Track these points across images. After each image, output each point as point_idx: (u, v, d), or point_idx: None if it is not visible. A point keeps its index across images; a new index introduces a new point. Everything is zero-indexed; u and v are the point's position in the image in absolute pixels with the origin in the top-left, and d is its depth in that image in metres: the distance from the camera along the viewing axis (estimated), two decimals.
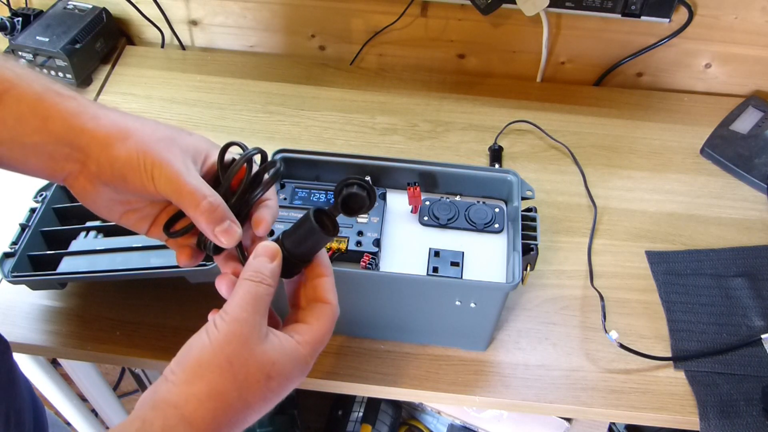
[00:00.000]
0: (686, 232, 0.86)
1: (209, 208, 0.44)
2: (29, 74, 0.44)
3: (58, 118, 0.43)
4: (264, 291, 0.43)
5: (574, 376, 0.72)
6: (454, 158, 0.94)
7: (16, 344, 0.74)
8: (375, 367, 0.73)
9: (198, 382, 0.40)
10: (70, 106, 0.43)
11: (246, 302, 0.42)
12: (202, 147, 0.48)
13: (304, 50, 1.12)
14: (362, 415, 1.16)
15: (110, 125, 0.44)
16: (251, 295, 0.43)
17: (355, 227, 0.68)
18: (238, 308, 0.42)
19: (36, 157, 0.44)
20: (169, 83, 1.04)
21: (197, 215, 0.44)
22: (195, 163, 0.46)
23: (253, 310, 0.42)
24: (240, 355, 0.41)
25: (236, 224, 0.46)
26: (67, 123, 0.43)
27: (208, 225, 0.44)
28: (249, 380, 0.41)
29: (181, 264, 0.49)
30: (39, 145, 0.43)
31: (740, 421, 0.69)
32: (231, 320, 0.42)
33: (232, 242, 0.46)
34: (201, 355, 0.41)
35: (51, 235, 0.76)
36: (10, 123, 0.42)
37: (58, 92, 0.44)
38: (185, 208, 0.45)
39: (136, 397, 1.52)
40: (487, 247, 0.69)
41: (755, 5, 0.95)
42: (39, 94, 0.43)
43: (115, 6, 1.09)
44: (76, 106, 0.44)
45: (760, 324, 0.76)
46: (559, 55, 1.07)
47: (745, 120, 0.98)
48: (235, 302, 0.42)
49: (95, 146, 0.43)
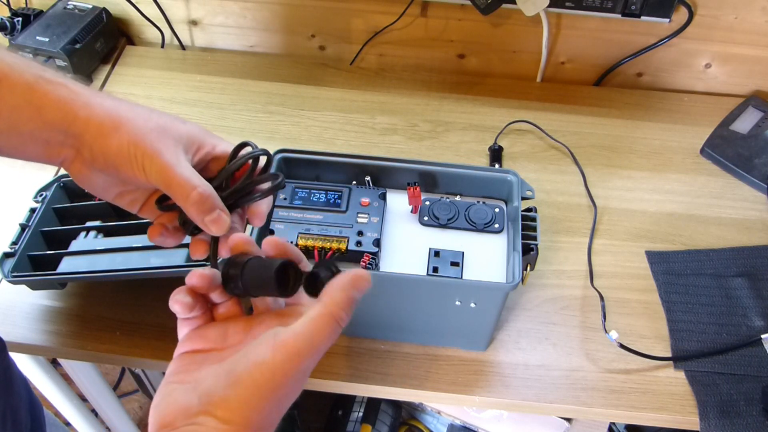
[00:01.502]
0: (686, 232, 0.86)
1: (199, 199, 0.45)
2: (21, 63, 0.44)
3: (51, 107, 0.43)
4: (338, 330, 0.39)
5: (574, 376, 0.72)
6: (454, 158, 0.94)
7: (17, 344, 0.74)
8: (375, 367, 0.73)
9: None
10: (62, 94, 0.44)
11: (324, 334, 0.38)
12: (195, 135, 0.48)
13: (304, 50, 1.12)
14: (362, 415, 1.16)
15: (102, 114, 0.44)
16: (331, 330, 0.38)
17: (355, 227, 0.68)
18: (310, 336, 0.37)
19: (33, 144, 0.44)
20: (169, 83, 1.04)
21: (187, 205, 0.45)
22: (187, 152, 0.47)
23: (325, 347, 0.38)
24: (289, 386, 0.37)
25: (226, 213, 0.46)
26: (61, 111, 0.43)
27: (198, 215, 0.45)
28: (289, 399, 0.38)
29: (153, 241, 0.49)
30: (35, 132, 0.44)
31: (740, 421, 0.69)
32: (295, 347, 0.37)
33: (222, 231, 0.46)
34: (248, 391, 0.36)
35: (51, 235, 0.76)
36: (5, 113, 0.43)
37: (49, 80, 0.44)
38: (176, 198, 0.45)
39: (136, 397, 1.53)
40: (487, 247, 0.69)
41: (755, 5, 0.95)
42: (31, 83, 0.43)
43: (115, 6, 1.09)
44: (67, 94, 0.44)
45: (760, 324, 0.76)
46: (559, 55, 1.07)
47: (745, 120, 0.98)
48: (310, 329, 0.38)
49: (88, 135, 0.44)
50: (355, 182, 0.72)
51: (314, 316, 0.38)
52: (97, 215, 0.78)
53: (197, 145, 0.48)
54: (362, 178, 0.72)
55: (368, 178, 0.72)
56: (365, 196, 0.70)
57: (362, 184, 0.72)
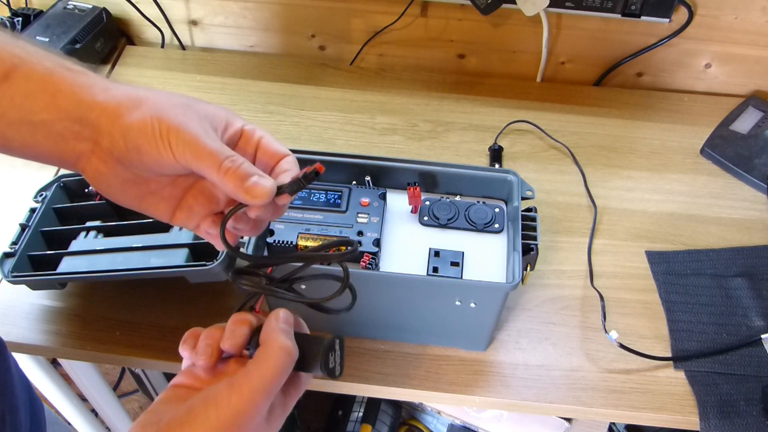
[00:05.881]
0: (686, 232, 0.86)
1: (232, 166, 0.41)
2: (40, 52, 0.42)
3: (68, 92, 0.41)
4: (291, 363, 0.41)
5: (574, 376, 0.72)
6: (454, 158, 0.94)
7: (17, 344, 0.74)
8: (375, 367, 0.73)
9: None
10: (79, 81, 0.42)
11: (275, 376, 0.40)
12: (221, 114, 0.44)
13: (304, 50, 1.12)
14: (362, 415, 1.16)
15: (121, 95, 0.42)
16: (282, 368, 0.40)
17: (355, 227, 0.68)
18: (263, 381, 0.39)
19: (45, 137, 0.41)
20: (169, 83, 1.04)
21: (221, 176, 0.41)
22: (215, 131, 0.43)
23: (277, 386, 0.40)
24: (248, 427, 0.39)
25: (265, 177, 0.42)
26: (77, 97, 0.41)
27: (234, 184, 0.41)
28: None
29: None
30: (48, 123, 0.41)
31: (740, 421, 0.69)
32: (249, 395, 0.38)
33: (265, 198, 0.41)
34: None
35: (51, 235, 0.76)
36: (18, 100, 0.40)
37: (68, 68, 0.42)
38: (207, 172, 0.41)
39: (136, 398, 1.53)
40: (487, 247, 0.69)
41: (755, 5, 0.95)
42: (49, 69, 0.41)
43: (115, 6, 1.09)
44: (86, 80, 0.42)
45: (760, 324, 0.76)
46: (559, 55, 1.07)
47: (745, 120, 0.98)
48: (261, 373, 0.39)
49: (106, 119, 0.41)
50: (355, 182, 0.72)
51: (262, 355, 0.40)
52: (97, 215, 0.78)
53: (224, 123, 0.44)
54: (362, 178, 0.72)
55: (368, 178, 0.72)
56: (365, 196, 0.70)
57: (362, 184, 0.72)
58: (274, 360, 0.40)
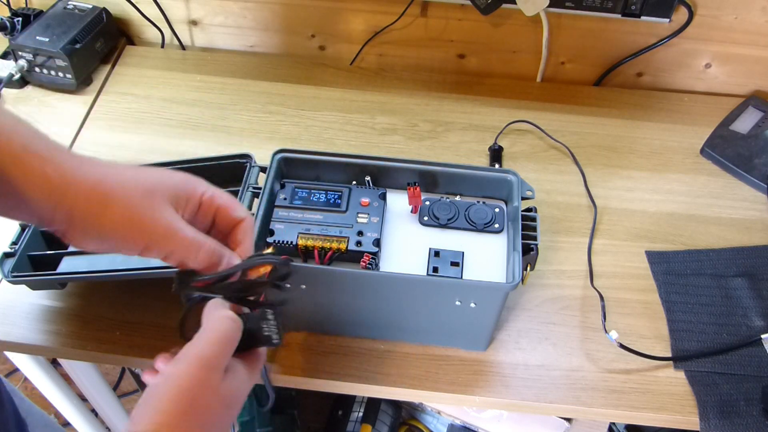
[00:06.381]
0: (686, 232, 0.86)
1: (208, 257, 0.47)
2: (10, 125, 0.42)
3: (37, 185, 0.41)
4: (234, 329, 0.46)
5: (574, 376, 0.72)
6: (454, 158, 0.94)
7: (17, 344, 0.74)
8: (375, 367, 0.73)
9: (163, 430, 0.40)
10: (47, 172, 0.41)
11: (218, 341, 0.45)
12: (182, 189, 0.48)
13: (303, 50, 1.12)
14: (362, 415, 1.16)
15: (88, 190, 0.42)
16: (224, 334, 0.45)
17: (355, 227, 0.68)
18: (208, 346, 0.44)
19: (23, 214, 0.43)
20: (169, 83, 1.04)
21: (197, 265, 0.47)
22: (178, 209, 0.47)
23: (223, 351, 0.44)
24: (204, 396, 0.42)
25: (235, 256, 0.49)
26: (46, 191, 0.41)
27: (210, 270, 0.48)
28: (212, 417, 0.42)
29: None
30: (22, 205, 0.42)
31: (740, 421, 0.69)
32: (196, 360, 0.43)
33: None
34: (162, 404, 0.41)
35: (51, 235, 0.76)
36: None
37: (34, 154, 0.41)
38: (184, 262, 0.46)
39: (136, 397, 1.53)
40: (487, 247, 0.69)
41: (755, 5, 0.95)
42: (18, 155, 0.41)
43: (115, 6, 1.09)
44: (52, 171, 0.41)
45: (760, 324, 0.76)
46: (559, 55, 1.07)
47: (745, 120, 0.98)
48: (205, 339, 0.44)
49: (77, 211, 0.43)
50: (355, 182, 0.72)
51: (204, 327, 0.45)
52: None
53: (185, 198, 0.48)
54: (362, 178, 0.72)
55: (368, 178, 0.72)
56: (365, 196, 0.70)
57: (362, 184, 0.72)
58: (214, 327, 0.45)
